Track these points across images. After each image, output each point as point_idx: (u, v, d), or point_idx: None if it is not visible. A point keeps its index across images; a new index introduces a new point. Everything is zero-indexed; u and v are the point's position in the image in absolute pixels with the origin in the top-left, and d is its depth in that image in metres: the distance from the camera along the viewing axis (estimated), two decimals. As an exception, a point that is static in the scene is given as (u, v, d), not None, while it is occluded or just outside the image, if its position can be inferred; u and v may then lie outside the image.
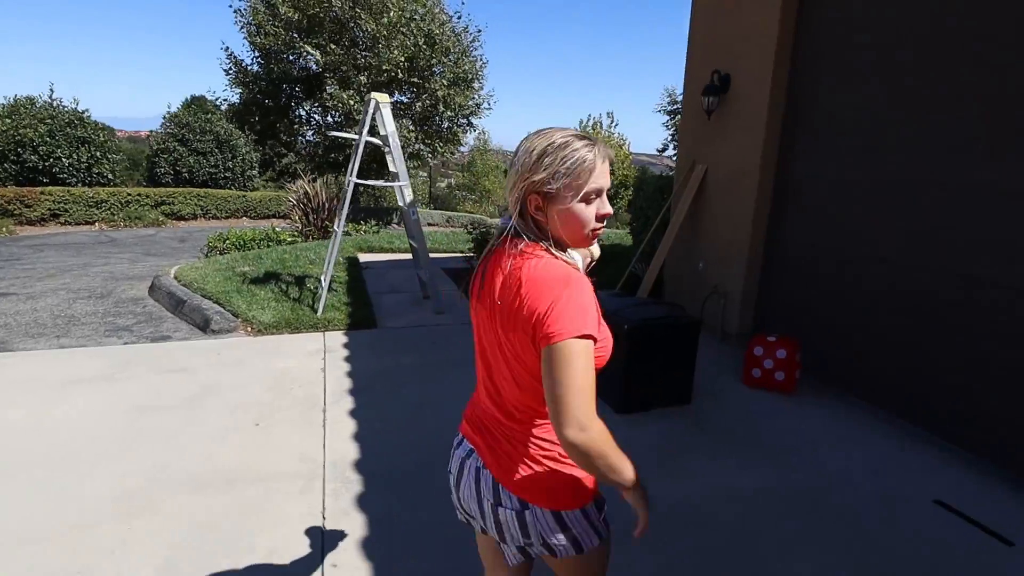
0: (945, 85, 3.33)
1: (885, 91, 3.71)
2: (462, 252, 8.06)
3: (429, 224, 22.28)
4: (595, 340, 1.01)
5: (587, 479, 1.18)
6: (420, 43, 20.43)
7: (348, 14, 19.85)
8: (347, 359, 4.36)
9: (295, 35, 20.41)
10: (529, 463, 1.15)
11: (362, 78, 20.72)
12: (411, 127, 21.61)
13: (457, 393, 3.69)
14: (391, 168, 5.41)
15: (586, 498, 1.18)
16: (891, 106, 3.67)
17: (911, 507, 2.69)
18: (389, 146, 5.27)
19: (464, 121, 22.96)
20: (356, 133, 5.31)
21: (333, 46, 20.22)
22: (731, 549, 2.35)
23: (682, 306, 3.82)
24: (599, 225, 1.09)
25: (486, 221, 13.78)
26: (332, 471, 2.83)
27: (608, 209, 1.09)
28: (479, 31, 23.52)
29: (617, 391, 3.53)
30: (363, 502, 2.59)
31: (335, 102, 19.71)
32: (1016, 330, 3.00)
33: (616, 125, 27.06)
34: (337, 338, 4.81)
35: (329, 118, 22.11)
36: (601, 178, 1.07)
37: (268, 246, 8.50)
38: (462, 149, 24.93)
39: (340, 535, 2.36)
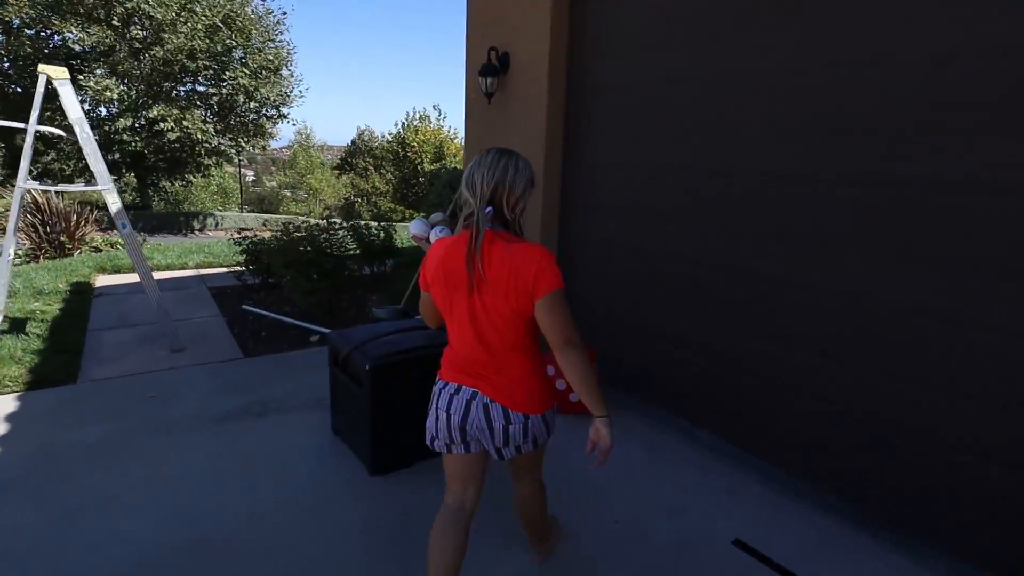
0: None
1: (661, 67, 3.32)
2: (236, 265, 6.72)
3: (242, 229, 19.69)
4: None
5: (551, 387, 1.77)
6: (216, 22, 17.89)
7: (114, -11, 16.69)
8: (3, 438, 3.04)
9: (47, 9, 16.74)
10: (521, 387, 1.67)
11: (142, 65, 17.65)
12: (208, 119, 18.94)
13: (152, 478, 2.64)
14: (91, 166, 4.05)
15: (551, 401, 1.74)
16: (668, 82, 3.29)
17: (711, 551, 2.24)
18: (77, 137, 3.91)
19: (274, 112, 20.73)
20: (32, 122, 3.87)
21: (96, 27, 16.91)
22: None
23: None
24: None
25: (298, 222, 12.18)
26: None
27: None
28: (284, 14, 21.39)
29: (365, 447, 2.74)
30: None
31: (102, 93, 16.49)
32: (775, 323, 2.72)
33: (444, 117, 26.37)
34: (3, 405, 3.42)
35: (103, 110, 18.61)
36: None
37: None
38: (274, 144, 22.55)
39: None
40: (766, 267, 2.82)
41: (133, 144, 18.04)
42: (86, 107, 17.76)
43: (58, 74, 3.83)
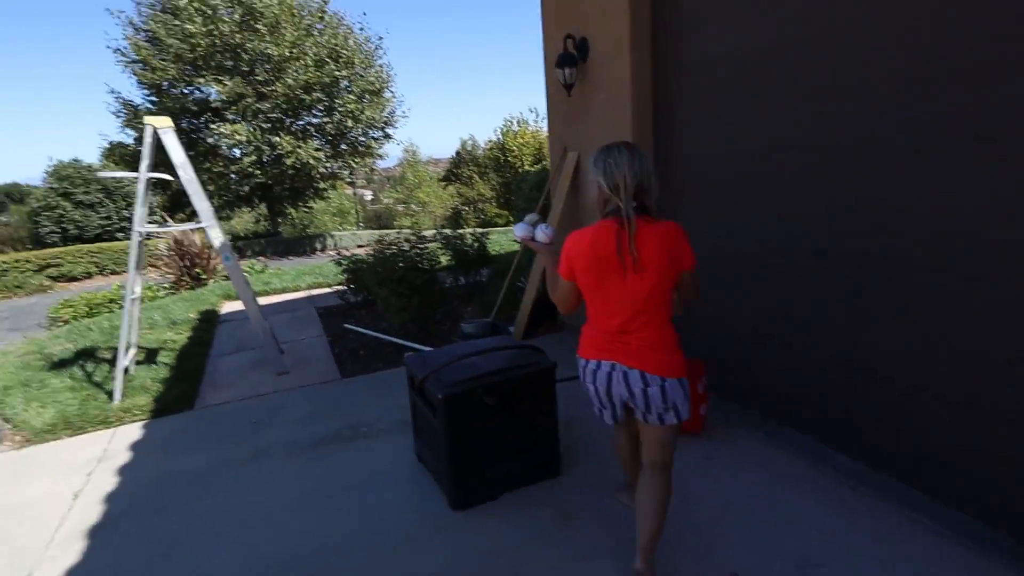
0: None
1: (763, 33, 2.84)
2: (340, 285, 6.93)
3: (358, 246, 20.87)
4: None
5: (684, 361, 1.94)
6: (323, 57, 19.19)
7: (237, 37, 18.43)
8: (124, 468, 3.25)
9: (187, 67, 18.88)
10: (660, 353, 1.86)
11: (265, 105, 19.34)
12: (320, 146, 20.31)
13: (245, 509, 2.66)
14: (195, 205, 4.30)
15: (687, 371, 1.93)
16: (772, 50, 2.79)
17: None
18: (180, 180, 4.16)
19: (380, 133, 21.78)
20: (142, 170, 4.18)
21: (228, 77, 18.72)
22: None
23: (537, 348, 2.83)
24: None
25: (392, 237, 12.59)
26: None
27: None
28: (380, 39, 22.42)
29: (446, 479, 2.55)
30: None
31: (232, 136, 18.20)
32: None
33: (542, 119, 26.28)
34: (130, 434, 3.68)
35: (237, 151, 20.61)
36: None
37: (121, 307, 7.23)
38: (385, 163, 23.73)
39: None
40: (913, 255, 2.25)
41: (260, 177, 19.79)
42: (223, 150, 19.78)
43: (162, 123, 4.09)
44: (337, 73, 18.66)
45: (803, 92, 2.63)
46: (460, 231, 6.35)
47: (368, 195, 44.66)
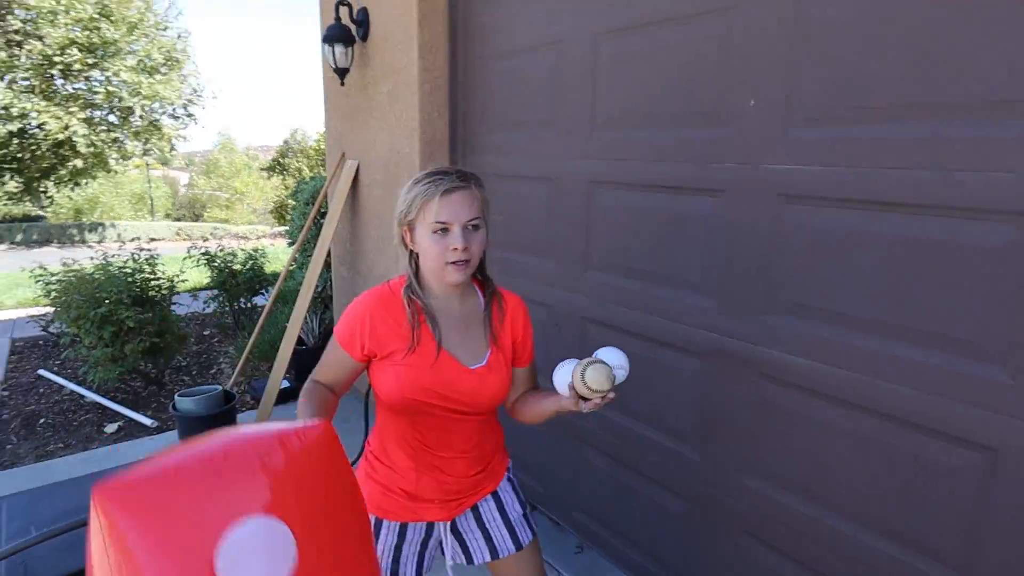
0: None
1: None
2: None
3: (152, 239, 17.37)
4: (342, 345, 1.21)
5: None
6: (95, 14, 15.68)
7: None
8: None
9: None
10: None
11: (21, 60, 15.32)
12: (102, 119, 16.70)
13: None
14: None
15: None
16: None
17: None
18: None
19: (182, 112, 18.60)
20: None
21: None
22: None
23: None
24: (454, 257, 1.14)
25: (110, 251, 10.27)
26: None
27: (456, 243, 1.13)
28: (171, 5, 19.27)
29: None
30: None
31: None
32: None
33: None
34: None
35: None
36: (444, 212, 1.12)
37: None
38: (203, 147, 20.40)
39: None
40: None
41: (14, 148, 15.75)
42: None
43: None
44: (108, 34, 15.43)
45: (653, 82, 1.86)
46: (226, 249, 4.90)
47: (183, 179, 39.06)
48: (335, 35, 2.93)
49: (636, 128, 1.86)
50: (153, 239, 5.65)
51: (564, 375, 1.13)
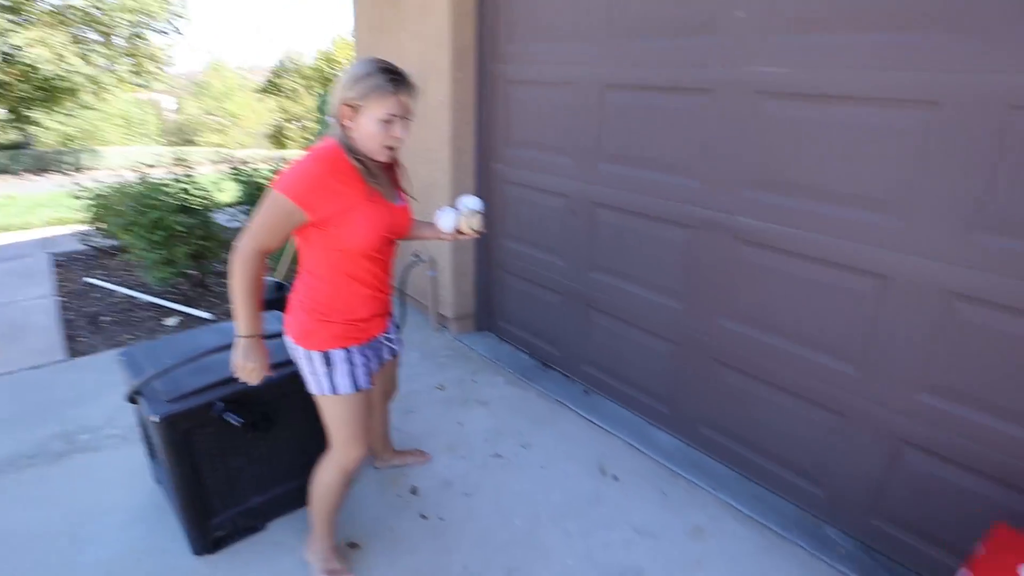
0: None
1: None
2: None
3: (149, 166, 17.25)
4: (300, 204, 1.34)
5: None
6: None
7: None
8: None
9: None
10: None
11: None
12: (75, 41, 16.19)
13: None
14: None
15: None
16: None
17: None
18: None
19: (169, 28, 18.00)
20: None
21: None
22: None
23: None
24: (392, 143, 1.42)
25: (183, 161, 10.34)
26: None
27: (399, 133, 1.41)
28: None
29: (182, 523, 1.89)
30: None
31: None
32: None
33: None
34: None
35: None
36: (397, 107, 1.37)
37: None
38: (192, 68, 19.79)
39: None
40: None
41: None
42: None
43: None
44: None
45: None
46: (247, 161, 5.19)
47: (171, 103, 37.74)
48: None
49: (644, 37, 2.20)
50: (150, 165, 5.53)
51: (448, 220, 1.63)
